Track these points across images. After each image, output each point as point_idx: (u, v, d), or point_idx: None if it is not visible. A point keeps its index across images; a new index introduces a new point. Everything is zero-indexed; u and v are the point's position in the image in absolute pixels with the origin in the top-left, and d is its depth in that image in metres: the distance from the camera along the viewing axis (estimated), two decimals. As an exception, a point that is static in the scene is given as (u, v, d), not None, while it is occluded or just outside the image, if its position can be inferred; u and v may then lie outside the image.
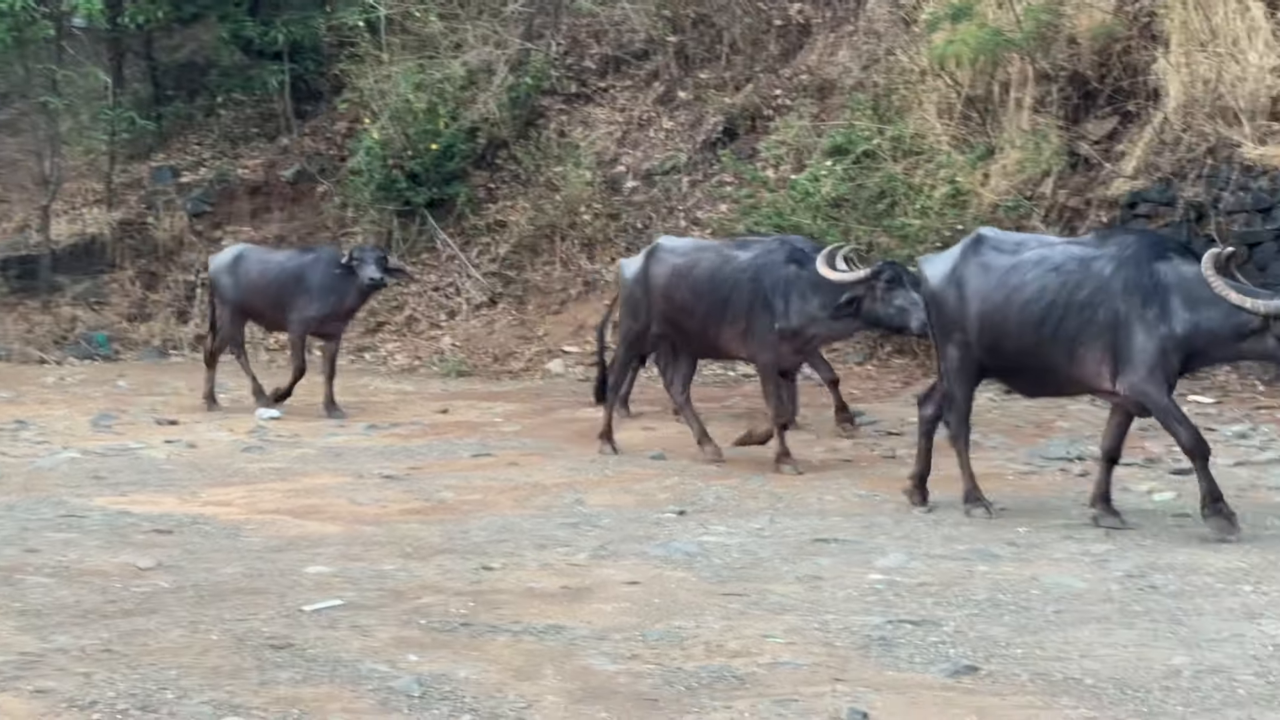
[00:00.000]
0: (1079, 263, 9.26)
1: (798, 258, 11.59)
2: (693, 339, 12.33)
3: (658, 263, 12.33)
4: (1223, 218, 15.49)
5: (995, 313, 9.48)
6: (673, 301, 12.16)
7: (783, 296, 11.50)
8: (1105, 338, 9.05)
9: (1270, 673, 6.32)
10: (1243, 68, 15.94)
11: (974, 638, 6.94)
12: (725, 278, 11.82)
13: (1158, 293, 8.94)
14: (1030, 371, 9.61)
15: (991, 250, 9.64)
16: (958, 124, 17.56)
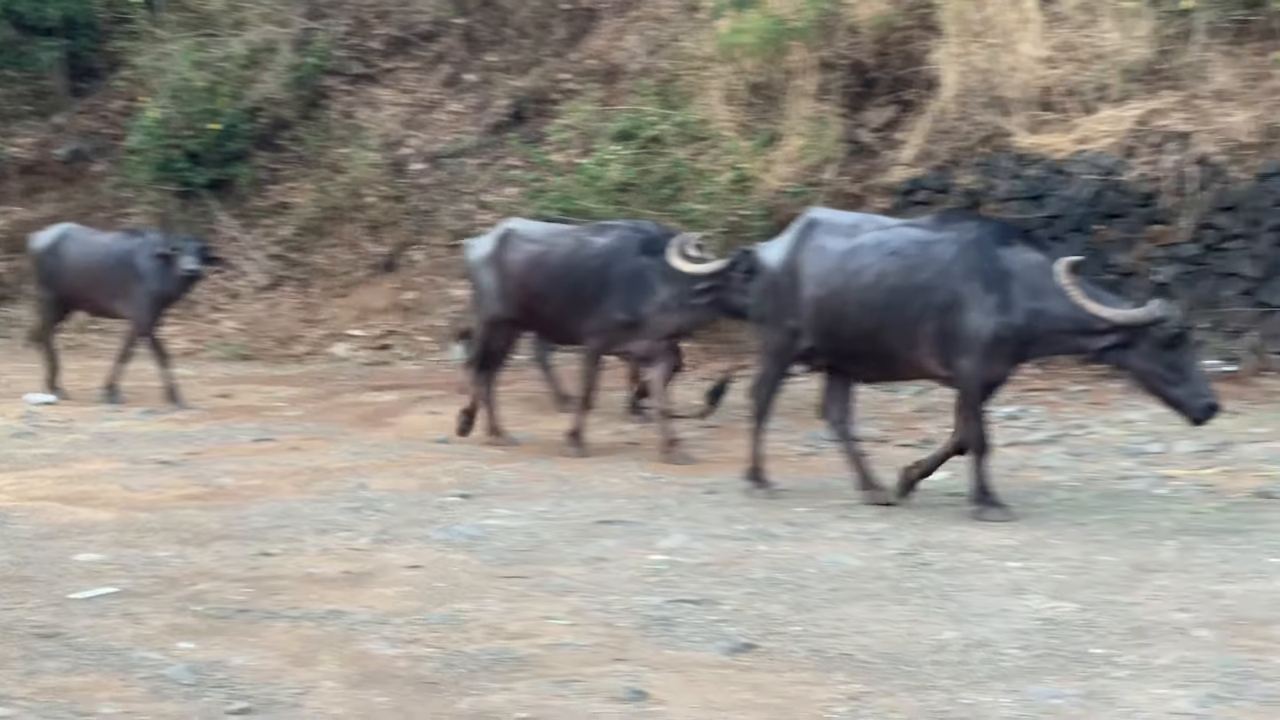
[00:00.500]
0: (919, 246, 9.25)
1: (652, 246, 11.44)
2: (550, 328, 12.26)
3: (511, 248, 12.05)
4: (996, 205, 15.90)
5: (833, 298, 9.43)
6: (529, 289, 11.93)
7: (635, 286, 11.40)
8: (941, 321, 9.09)
9: (1034, 645, 6.51)
10: (1016, 59, 16.37)
11: (752, 616, 7.04)
12: (580, 264, 11.68)
13: (1000, 279, 8.99)
14: (869, 357, 9.59)
15: (826, 234, 9.59)
16: (742, 110, 17.73)
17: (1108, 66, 16.16)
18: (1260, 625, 6.79)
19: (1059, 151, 15.84)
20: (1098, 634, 6.68)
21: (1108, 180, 15.54)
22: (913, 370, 9.69)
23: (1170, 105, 15.77)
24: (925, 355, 9.23)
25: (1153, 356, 8.80)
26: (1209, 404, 8.88)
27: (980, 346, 9.00)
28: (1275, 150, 15.10)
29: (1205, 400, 8.86)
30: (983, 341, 8.99)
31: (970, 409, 9.21)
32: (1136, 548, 8.29)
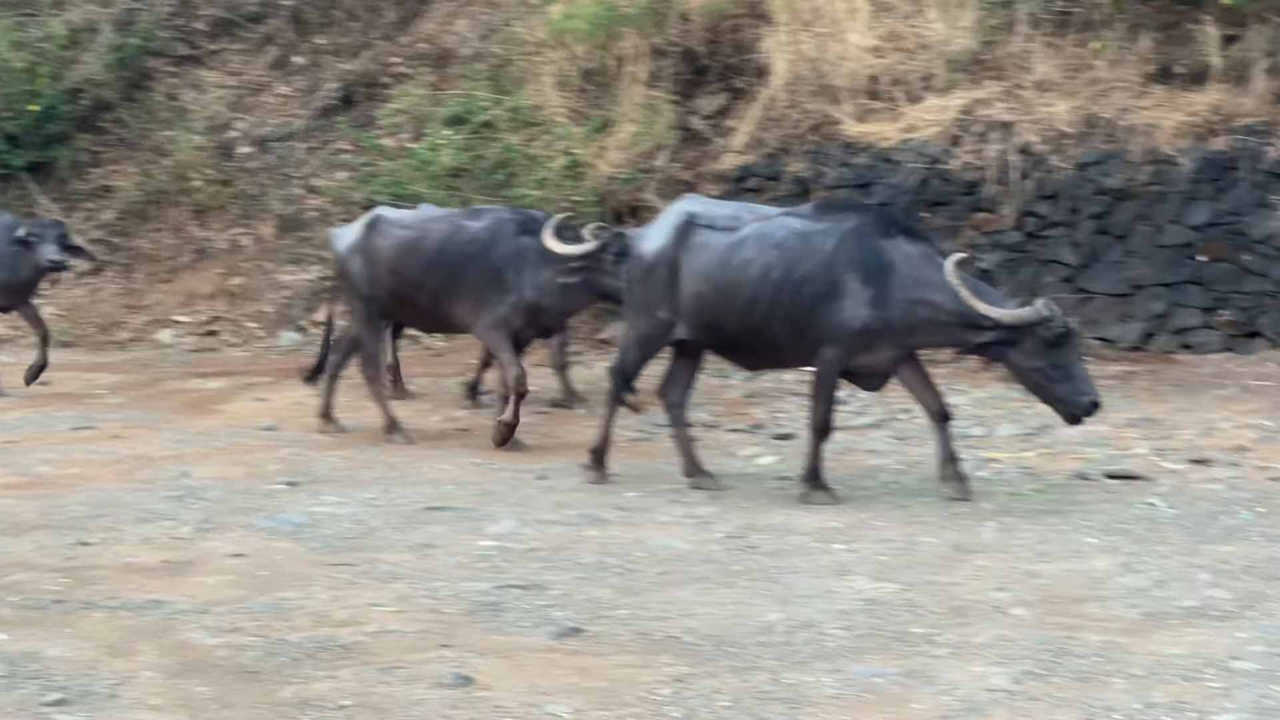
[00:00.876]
0: (801, 238, 9.25)
1: (531, 228, 11.26)
2: (423, 315, 12.01)
3: (381, 235, 11.74)
4: (825, 192, 16.06)
5: (718, 293, 9.39)
6: (401, 276, 11.62)
7: (515, 269, 11.20)
8: (818, 310, 9.10)
9: (857, 626, 6.60)
10: (844, 48, 16.57)
11: (580, 600, 7.04)
12: (456, 250, 11.44)
13: (879, 272, 9.03)
14: (755, 349, 9.61)
15: (707, 227, 9.52)
16: (575, 96, 17.72)
17: (933, 56, 16.44)
18: (1075, 603, 6.95)
19: (886, 140, 16.07)
20: (918, 613, 6.79)
21: (933, 168, 15.81)
22: (799, 360, 9.77)
23: (994, 95, 16.08)
24: (809, 344, 9.26)
25: (1036, 355, 8.92)
26: (1091, 402, 9.00)
27: (846, 336, 9.06)
28: (1095, 140, 15.47)
29: (1087, 398, 8.98)
30: (850, 332, 9.05)
31: (821, 394, 9.29)
32: (958, 529, 8.44)
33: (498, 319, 11.23)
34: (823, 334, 9.12)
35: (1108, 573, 7.47)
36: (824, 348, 9.16)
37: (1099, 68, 16.03)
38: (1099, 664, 6.05)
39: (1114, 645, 6.29)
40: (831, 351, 9.16)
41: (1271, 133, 14.99)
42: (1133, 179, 15.13)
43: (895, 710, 5.59)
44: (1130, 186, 15.10)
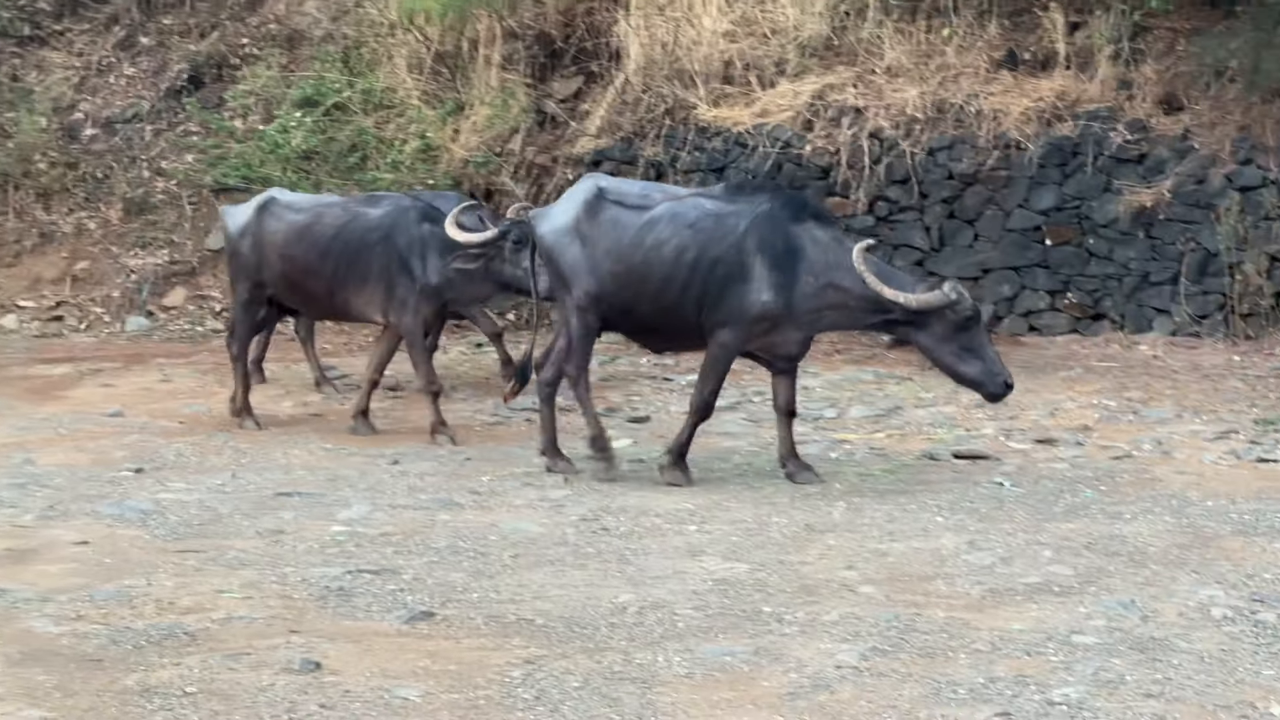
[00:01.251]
0: (714, 219, 9.16)
1: (432, 215, 10.95)
2: (317, 302, 11.51)
3: (273, 218, 11.32)
4: (680, 177, 16.12)
5: (629, 272, 9.24)
6: (293, 262, 11.20)
7: (420, 256, 10.86)
8: (726, 291, 9.02)
9: (708, 606, 6.65)
10: (698, 32, 16.63)
11: (432, 584, 7.02)
12: (355, 237, 11.04)
13: (787, 255, 8.96)
14: (667, 330, 9.47)
15: (617, 205, 9.39)
16: (428, 79, 17.60)
17: (786, 42, 16.55)
18: (921, 581, 7.06)
19: (740, 124, 16.15)
20: (769, 593, 6.86)
21: (786, 153, 15.92)
22: (704, 341, 9.46)
23: (845, 80, 16.24)
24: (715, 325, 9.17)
25: (945, 337, 8.93)
26: (1005, 382, 9.01)
27: (746, 320, 9.02)
28: (944, 125, 15.68)
29: (1001, 378, 8.99)
30: (750, 316, 9.01)
31: (711, 375, 9.24)
32: (808, 509, 8.53)
33: (410, 309, 10.90)
34: (725, 316, 9.06)
35: (954, 550, 7.59)
36: (722, 330, 9.10)
37: (948, 54, 16.25)
38: (944, 640, 6.16)
39: (959, 621, 6.40)
40: (728, 334, 9.10)
41: (1115, 118, 15.31)
42: (981, 164, 15.36)
43: (745, 688, 5.64)
44: (979, 171, 15.33)
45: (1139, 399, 11.97)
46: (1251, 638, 6.17)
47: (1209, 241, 14.44)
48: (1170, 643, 6.10)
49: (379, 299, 10.98)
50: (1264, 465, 9.78)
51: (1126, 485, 9.15)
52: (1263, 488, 9.08)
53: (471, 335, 15.87)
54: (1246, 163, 14.67)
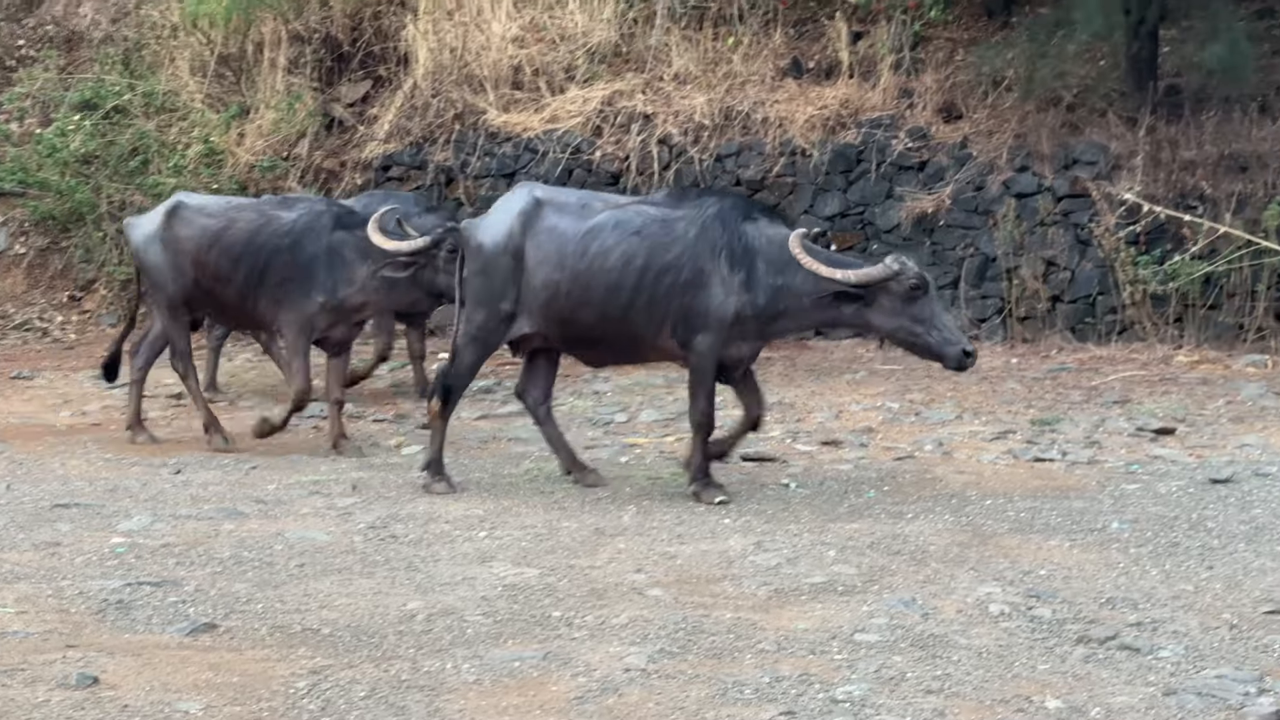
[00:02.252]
0: (661, 225, 8.88)
1: (346, 222, 10.50)
2: (230, 310, 11.00)
3: (184, 224, 10.74)
4: (470, 182, 16.11)
5: (573, 281, 8.91)
6: (206, 269, 10.65)
7: (326, 265, 10.37)
8: (684, 300, 8.78)
9: (497, 612, 6.62)
10: (487, 37, 16.61)
11: (215, 595, 6.89)
12: (265, 242, 10.53)
13: (745, 256, 8.74)
14: (610, 342, 9.13)
15: (556, 213, 9.05)
16: (212, 82, 17.32)
17: (575, 48, 16.62)
18: (709, 583, 7.12)
19: (529, 130, 16.18)
20: (558, 597, 6.86)
21: (576, 158, 15.98)
22: (655, 353, 9.27)
23: (634, 87, 16.34)
24: (668, 337, 8.91)
25: (895, 312, 8.69)
26: (963, 350, 8.76)
27: (720, 325, 8.76)
28: (731, 132, 15.87)
29: (959, 346, 8.77)
30: (724, 321, 8.76)
31: (701, 388, 8.92)
32: (599, 513, 8.55)
33: (302, 319, 10.42)
34: (694, 325, 8.81)
35: (741, 552, 7.67)
36: (696, 337, 8.82)
37: (735, 62, 16.45)
38: (730, 640, 6.21)
39: (745, 622, 6.46)
40: (705, 340, 8.80)
41: (897, 126, 15.63)
42: (768, 170, 15.57)
43: (533, 693, 5.63)
44: (766, 178, 15.54)
45: (921, 401, 12.23)
46: (1027, 633, 6.33)
47: (987, 247, 14.83)
48: (950, 639, 6.24)
49: (276, 306, 10.55)
50: (1039, 464, 10.05)
51: (908, 485, 9.34)
52: (1038, 486, 9.34)
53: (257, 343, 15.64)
54: (1023, 170, 15.09)
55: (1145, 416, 11.45)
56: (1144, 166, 14.70)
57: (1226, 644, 6.17)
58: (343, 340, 10.71)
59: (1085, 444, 10.63)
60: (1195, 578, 7.19)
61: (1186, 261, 13.93)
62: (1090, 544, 7.84)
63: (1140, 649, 6.07)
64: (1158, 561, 7.47)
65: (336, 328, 10.59)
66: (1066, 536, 8.00)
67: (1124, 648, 6.09)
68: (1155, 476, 9.57)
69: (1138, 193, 14.28)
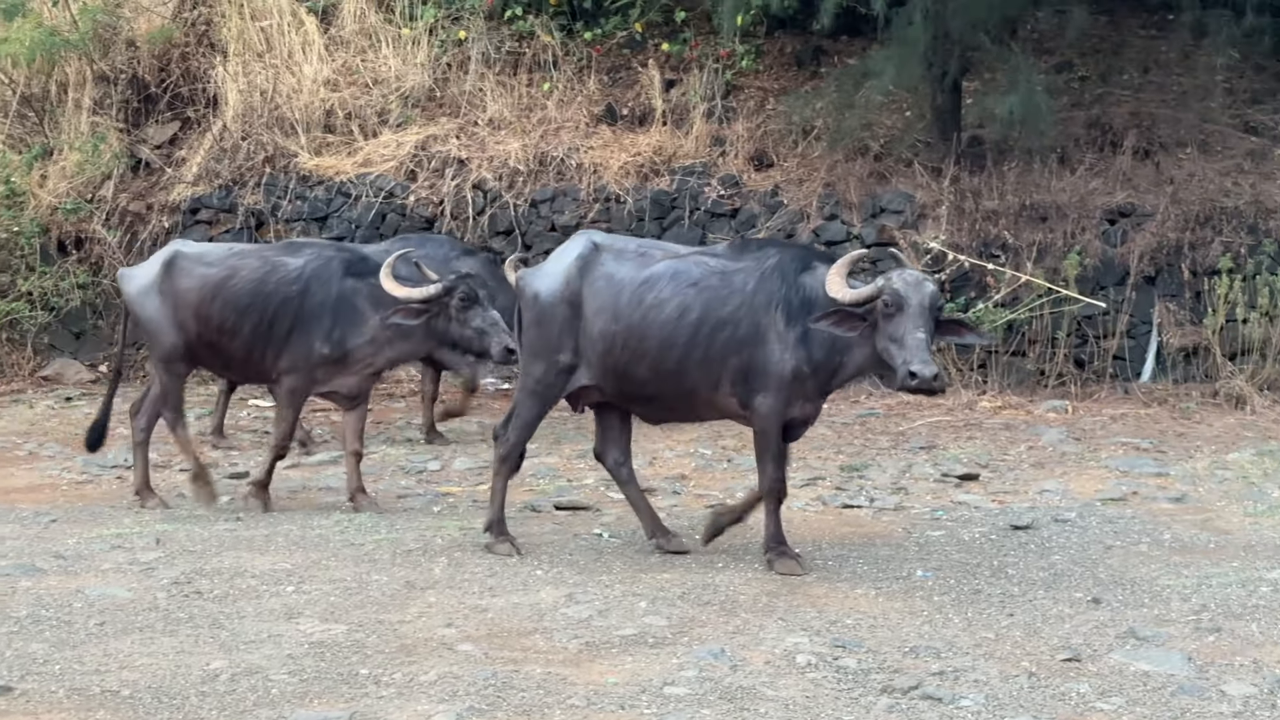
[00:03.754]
0: (720, 276, 8.45)
1: (358, 268, 10.02)
2: (236, 364, 10.47)
3: (183, 274, 10.20)
4: (282, 225, 15.94)
5: (629, 333, 8.49)
6: (209, 321, 10.12)
7: (332, 313, 9.91)
8: (741, 357, 8.32)
9: (304, 670, 6.52)
10: (298, 80, 16.49)
11: (11, 657, 6.69)
12: (272, 290, 10.02)
13: (802, 309, 8.23)
14: (665, 398, 8.67)
15: (614, 260, 8.65)
16: (14, 123, 16.94)
17: (388, 92, 16.58)
18: (520, 636, 7.09)
19: (342, 173, 16.09)
20: (366, 654, 6.77)
21: (390, 203, 15.93)
22: (711, 410, 8.78)
23: (449, 131, 16.35)
24: (727, 395, 8.46)
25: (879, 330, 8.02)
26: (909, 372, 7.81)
27: (780, 384, 8.27)
28: (546, 178, 15.93)
29: (905, 368, 7.86)
30: (783, 379, 8.27)
31: (767, 453, 8.40)
32: (409, 565, 8.47)
33: (302, 371, 9.97)
34: (754, 383, 8.33)
35: (553, 604, 7.65)
36: (758, 398, 8.35)
37: (549, 108, 16.53)
38: (540, 696, 6.19)
39: (556, 676, 6.45)
40: (767, 401, 8.31)
41: (710, 173, 15.82)
42: (583, 216, 15.64)
43: (339, 755, 5.55)
44: (580, 223, 15.59)
45: (734, 447, 12.33)
46: (833, 683, 6.40)
47: (798, 294, 15.02)
48: (757, 691, 6.28)
49: (278, 357, 10.03)
50: (848, 511, 10.20)
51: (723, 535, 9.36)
52: (846, 533, 9.47)
53: (60, 390, 15.29)
54: (832, 218, 15.35)
55: (950, 462, 11.68)
56: (948, 216, 15.07)
57: (1025, 692, 6.30)
58: (355, 392, 10.17)
59: (892, 490, 10.81)
60: (996, 625, 7.33)
61: (990, 309, 14.29)
62: (895, 592, 7.96)
63: (942, 698, 6.17)
64: (960, 609, 7.61)
65: (344, 379, 10.09)
66: (873, 585, 8.11)
67: (926, 697, 6.19)
68: (959, 523, 9.76)
69: (943, 241, 14.62)
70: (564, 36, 17.10)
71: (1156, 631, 7.17)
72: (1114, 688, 6.35)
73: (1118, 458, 11.90)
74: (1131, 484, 10.97)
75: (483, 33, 17.00)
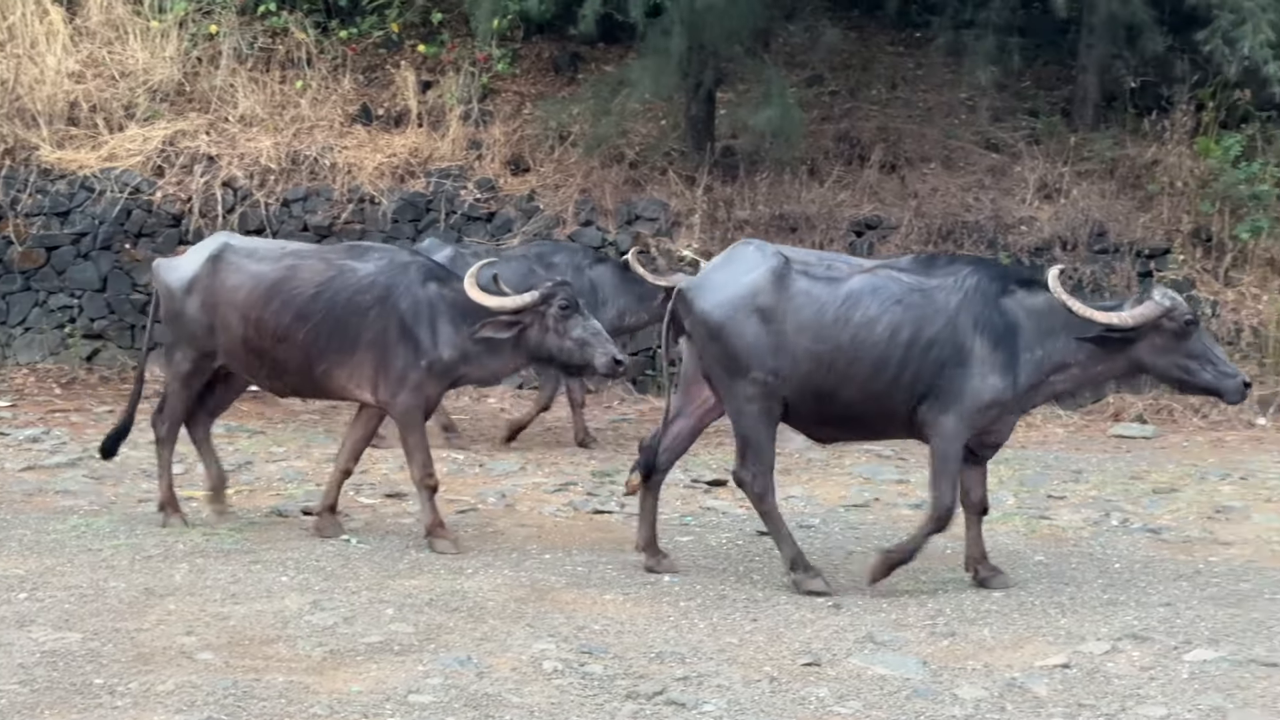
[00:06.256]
0: (922, 294, 8.15)
1: (439, 274, 9.24)
2: (286, 374, 9.35)
3: (231, 269, 9.29)
4: (21, 220, 15.44)
5: (836, 353, 8.10)
6: (260, 325, 9.20)
7: (429, 324, 9.06)
8: (943, 378, 8.07)
9: (35, 680, 6.32)
10: (41, 70, 15.98)
11: None
12: (342, 297, 9.12)
13: (1008, 333, 8.10)
14: (865, 420, 8.36)
15: (803, 275, 8.22)
16: None
17: (136, 85, 16.18)
18: (262, 644, 6.96)
19: (86, 167, 15.65)
20: (101, 663, 6.59)
21: (136, 199, 15.56)
22: (909, 431, 8.40)
23: (198, 127, 16.02)
24: (921, 413, 8.18)
25: (1169, 350, 8.12)
26: (1244, 381, 8.22)
27: (975, 407, 8.08)
28: (299, 177, 15.72)
29: (1238, 379, 8.19)
30: (980, 402, 8.08)
31: (946, 475, 8.18)
32: (149, 572, 8.25)
33: (410, 387, 9.08)
34: (947, 403, 8.09)
35: (298, 611, 7.53)
36: (946, 418, 8.11)
37: (303, 106, 16.31)
38: (282, 705, 6.10)
39: (298, 685, 6.35)
40: (953, 423, 8.10)
41: (466, 176, 15.77)
42: (336, 217, 15.48)
43: (70, 769, 5.39)
44: (334, 224, 15.44)
45: (486, 451, 12.30)
46: (579, 690, 6.42)
47: (552, 299, 15.05)
48: (503, 698, 6.27)
49: (368, 374, 9.14)
50: (598, 516, 10.25)
51: (470, 539, 9.35)
52: (597, 539, 9.51)
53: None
54: (587, 224, 15.43)
55: (700, 469, 11.82)
56: (702, 224, 15.26)
57: (766, 697, 6.40)
58: (428, 409, 9.35)
59: (643, 495, 10.89)
60: (740, 630, 7.44)
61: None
62: (643, 597, 8.02)
63: (685, 704, 6.24)
64: (706, 614, 7.70)
65: (439, 398, 9.49)
66: (621, 590, 8.16)
67: (670, 703, 6.25)
68: (707, 529, 9.88)
69: (696, 249, 14.79)
70: (319, 34, 16.89)
71: (894, 636, 7.35)
72: (852, 691, 6.50)
73: (861, 465, 12.17)
74: (874, 490, 11.24)
75: (235, 27, 16.69)
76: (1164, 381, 8.47)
